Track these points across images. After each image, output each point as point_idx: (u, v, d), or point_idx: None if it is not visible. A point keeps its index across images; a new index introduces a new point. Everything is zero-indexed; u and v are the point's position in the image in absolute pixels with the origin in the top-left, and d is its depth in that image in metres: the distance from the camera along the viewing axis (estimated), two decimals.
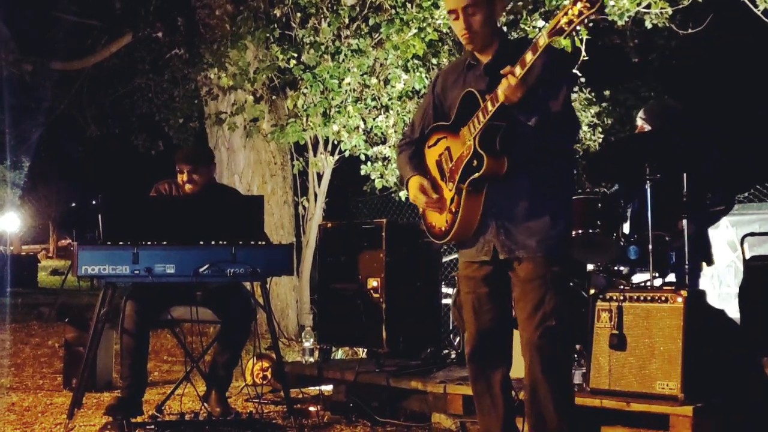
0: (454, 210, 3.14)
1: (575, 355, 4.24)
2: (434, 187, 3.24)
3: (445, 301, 6.10)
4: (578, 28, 2.69)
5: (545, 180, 3.08)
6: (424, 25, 6.84)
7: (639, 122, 5.10)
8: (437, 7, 6.82)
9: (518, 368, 4.44)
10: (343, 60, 7.18)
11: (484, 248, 3.15)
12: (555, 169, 3.11)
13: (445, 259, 6.99)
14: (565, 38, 2.75)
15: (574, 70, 7.26)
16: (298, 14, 7.48)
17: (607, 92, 9.89)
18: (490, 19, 3.09)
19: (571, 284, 3.19)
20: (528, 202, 3.07)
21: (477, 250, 3.18)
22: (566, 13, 2.67)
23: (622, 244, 4.52)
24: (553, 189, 3.10)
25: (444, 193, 3.20)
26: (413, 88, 7.32)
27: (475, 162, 3.02)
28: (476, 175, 3.02)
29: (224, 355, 4.54)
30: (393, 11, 7.08)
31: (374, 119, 7.46)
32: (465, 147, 3.07)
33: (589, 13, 2.63)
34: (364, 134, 7.45)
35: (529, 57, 2.79)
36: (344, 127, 7.27)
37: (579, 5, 2.64)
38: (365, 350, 5.95)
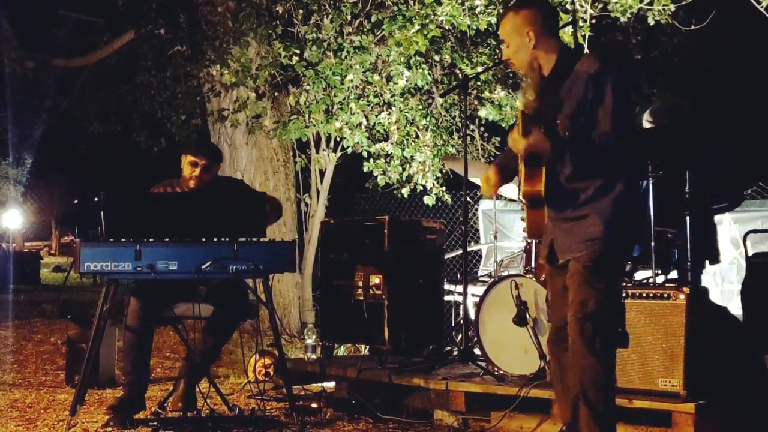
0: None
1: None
2: None
3: (447, 298, 6.10)
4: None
5: (594, 186, 3.15)
6: (427, 21, 6.83)
7: (646, 125, 5.04)
8: (440, 3, 6.81)
9: (522, 365, 4.47)
10: (346, 57, 7.18)
11: (546, 249, 3.35)
12: (604, 175, 3.15)
13: (447, 256, 6.98)
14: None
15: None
16: (301, 11, 7.48)
17: None
18: (523, 46, 3.23)
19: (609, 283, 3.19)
20: (575, 207, 3.18)
21: (544, 250, 3.37)
22: None
23: None
24: (600, 194, 3.15)
25: None
26: (415, 84, 7.32)
27: None
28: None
29: (206, 343, 4.48)
30: (395, 8, 7.08)
31: (376, 116, 7.46)
32: None
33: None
34: (366, 131, 7.45)
35: None
36: (346, 124, 7.27)
37: None
38: (367, 347, 5.95)
